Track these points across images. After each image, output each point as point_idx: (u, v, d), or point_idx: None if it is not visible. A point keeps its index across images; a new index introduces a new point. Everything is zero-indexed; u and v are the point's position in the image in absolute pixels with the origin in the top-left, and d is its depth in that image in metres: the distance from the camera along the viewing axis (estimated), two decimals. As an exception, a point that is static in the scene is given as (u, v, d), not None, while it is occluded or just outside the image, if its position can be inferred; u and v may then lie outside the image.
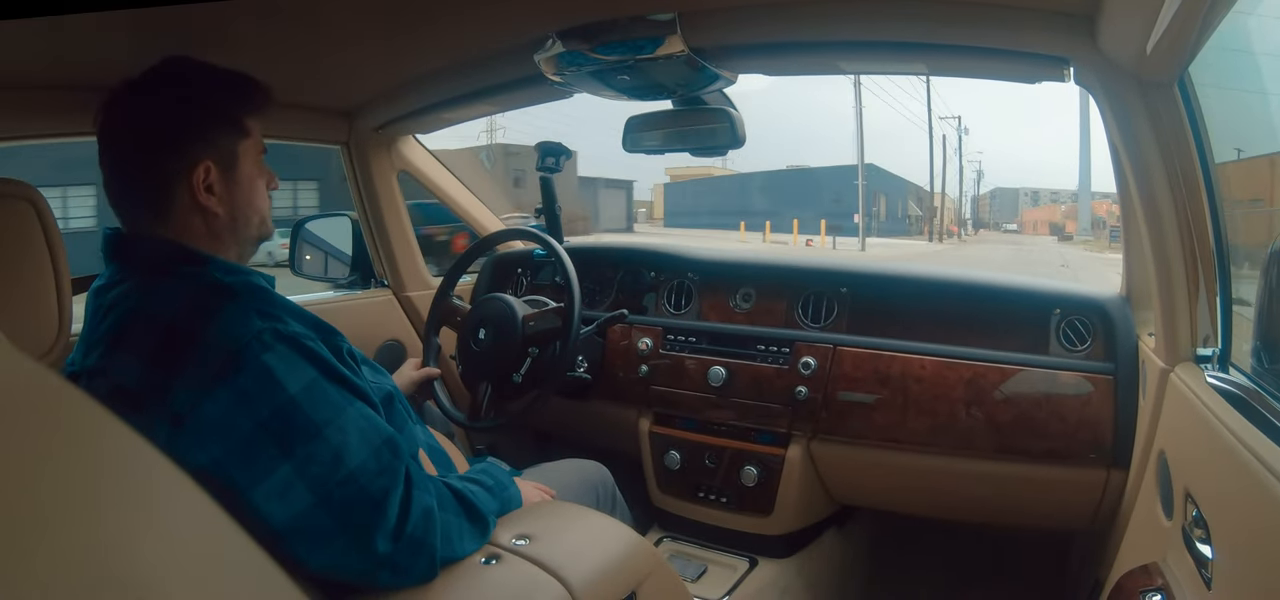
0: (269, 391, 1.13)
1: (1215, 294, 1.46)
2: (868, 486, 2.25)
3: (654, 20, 1.67)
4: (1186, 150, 1.42)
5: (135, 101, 1.26)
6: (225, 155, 1.28)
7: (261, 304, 1.20)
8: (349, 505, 1.15)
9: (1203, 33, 1.21)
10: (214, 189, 1.26)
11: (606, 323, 2.22)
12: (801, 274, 2.36)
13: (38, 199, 1.26)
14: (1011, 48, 1.56)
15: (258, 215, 1.34)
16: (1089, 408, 1.88)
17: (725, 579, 2.17)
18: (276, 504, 1.12)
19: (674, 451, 2.32)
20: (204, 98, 1.28)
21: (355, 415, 1.19)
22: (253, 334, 1.15)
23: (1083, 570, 2.06)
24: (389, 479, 1.19)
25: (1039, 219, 56.76)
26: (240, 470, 1.11)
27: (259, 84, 1.34)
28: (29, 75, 1.65)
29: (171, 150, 1.25)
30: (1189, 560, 1.21)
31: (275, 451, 1.13)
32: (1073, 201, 53.24)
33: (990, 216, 59.87)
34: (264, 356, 1.14)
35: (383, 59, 2.00)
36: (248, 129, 1.32)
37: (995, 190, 62.12)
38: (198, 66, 1.29)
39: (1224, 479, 1.14)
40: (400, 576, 1.21)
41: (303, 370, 1.17)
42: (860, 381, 2.09)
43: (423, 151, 2.67)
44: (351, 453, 1.16)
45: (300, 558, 1.14)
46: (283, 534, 1.12)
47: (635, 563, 1.47)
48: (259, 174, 1.34)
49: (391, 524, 1.18)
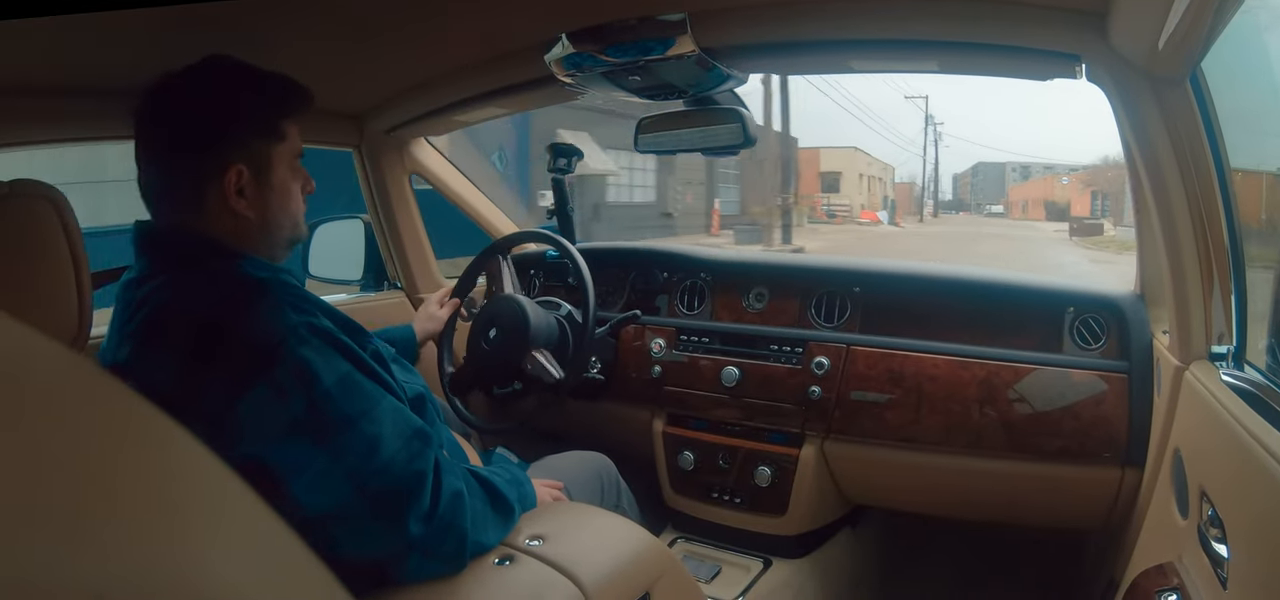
0: (305, 384, 1.15)
1: (1229, 291, 1.45)
2: (881, 486, 2.25)
3: (664, 21, 1.67)
4: (1199, 147, 1.41)
5: (172, 98, 1.27)
6: (259, 159, 1.29)
7: (295, 299, 1.22)
8: (383, 492, 1.18)
9: (1215, 28, 1.20)
10: (245, 192, 1.27)
11: (619, 323, 2.22)
12: (814, 273, 2.36)
13: (58, 198, 1.27)
14: (1023, 45, 1.55)
15: (290, 220, 1.35)
16: (1103, 406, 1.87)
17: (739, 579, 2.17)
18: (314, 493, 1.15)
19: (687, 452, 2.32)
20: (240, 100, 1.29)
21: (387, 407, 1.22)
22: (289, 328, 1.17)
23: (1097, 570, 2.05)
24: (422, 465, 1.22)
25: (1030, 197, 48.21)
26: (278, 461, 1.14)
27: (299, 87, 1.34)
28: (36, 79, 1.66)
29: (204, 151, 1.26)
30: (1204, 560, 1.20)
31: (311, 443, 1.15)
32: (1073, 175, 45.08)
33: (972, 196, 53.22)
34: (300, 350, 1.16)
35: (393, 63, 2.01)
36: (284, 133, 1.32)
37: (977, 166, 55.30)
38: (238, 67, 1.29)
39: (1239, 477, 1.13)
40: (431, 559, 1.23)
41: (337, 363, 1.19)
42: (873, 381, 2.09)
43: (435, 154, 2.68)
44: (385, 443, 1.19)
45: (336, 543, 1.17)
46: (319, 521, 1.15)
47: (649, 563, 1.47)
48: (293, 178, 1.35)
49: (424, 507, 1.20)
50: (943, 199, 49.46)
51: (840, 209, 38.76)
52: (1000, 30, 1.53)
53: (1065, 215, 40.94)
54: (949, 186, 51.09)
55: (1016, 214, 45.46)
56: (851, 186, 41.60)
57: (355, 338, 1.26)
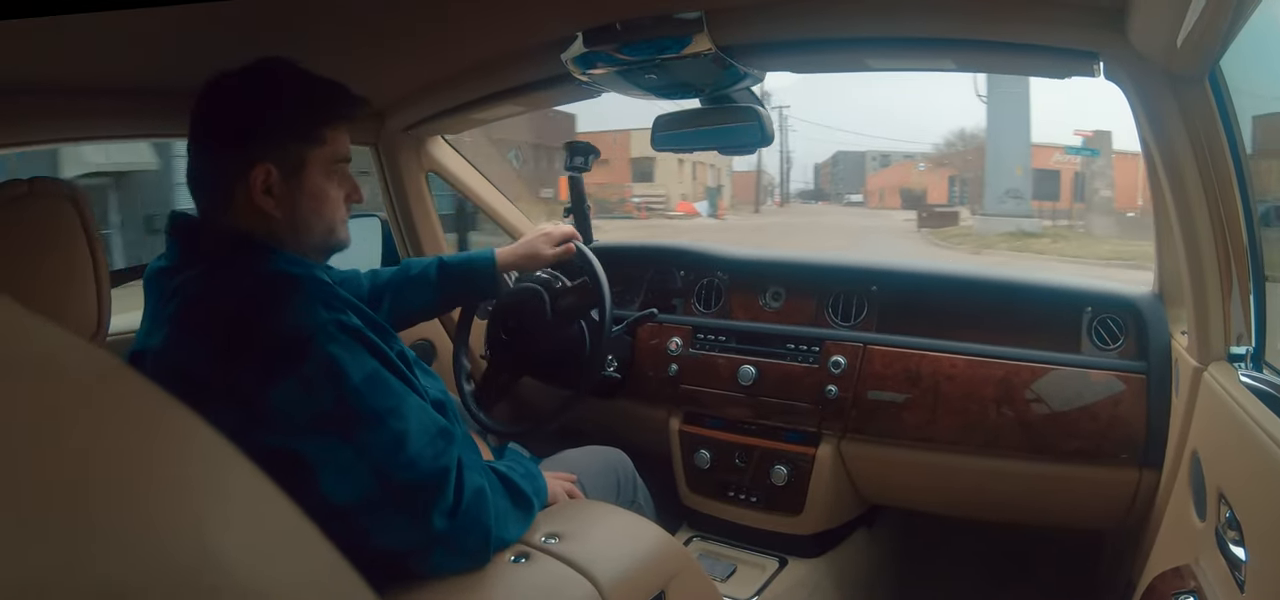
0: (334, 380, 1.17)
1: (1248, 292, 1.44)
2: (898, 486, 2.24)
3: (681, 19, 1.67)
4: (1218, 146, 1.40)
5: (215, 95, 1.30)
6: (291, 162, 1.29)
7: (326, 296, 1.23)
8: (409, 487, 1.21)
9: (1234, 25, 1.19)
10: (273, 192, 1.28)
11: (636, 322, 2.22)
12: (831, 272, 2.35)
13: (79, 197, 1.28)
14: (1040, 43, 1.54)
15: (323, 225, 1.34)
16: (1121, 407, 1.86)
17: (755, 578, 2.16)
18: (340, 485, 1.17)
19: (704, 450, 2.32)
20: (278, 102, 1.30)
21: (413, 404, 1.24)
22: (318, 325, 1.19)
23: (1114, 571, 2.04)
24: (446, 461, 1.24)
25: (887, 185, 43.21)
26: (306, 452, 1.16)
27: (348, 95, 1.34)
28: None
29: (233, 148, 1.28)
30: (1222, 562, 1.19)
31: (339, 437, 1.18)
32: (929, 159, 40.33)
33: (832, 186, 48.29)
34: (330, 347, 1.18)
35: (410, 60, 2.02)
36: (322, 138, 1.32)
37: (837, 154, 49.42)
38: (286, 70, 1.30)
39: (1258, 480, 1.13)
40: (455, 555, 1.26)
41: (365, 361, 1.20)
42: (890, 380, 2.08)
43: (452, 152, 2.69)
44: (412, 438, 1.21)
45: (362, 534, 1.19)
46: (346, 512, 1.18)
47: (664, 561, 1.47)
48: (330, 183, 1.34)
49: (448, 503, 1.23)
50: (805, 189, 46.52)
51: (653, 201, 33.98)
52: (1018, 28, 1.53)
53: (923, 202, 36.56)
54: (812, 177, 48.21)
55: (875, 202, 41.89)
56: (670, 175, 35.73)
57: (383, 337, 1.27)
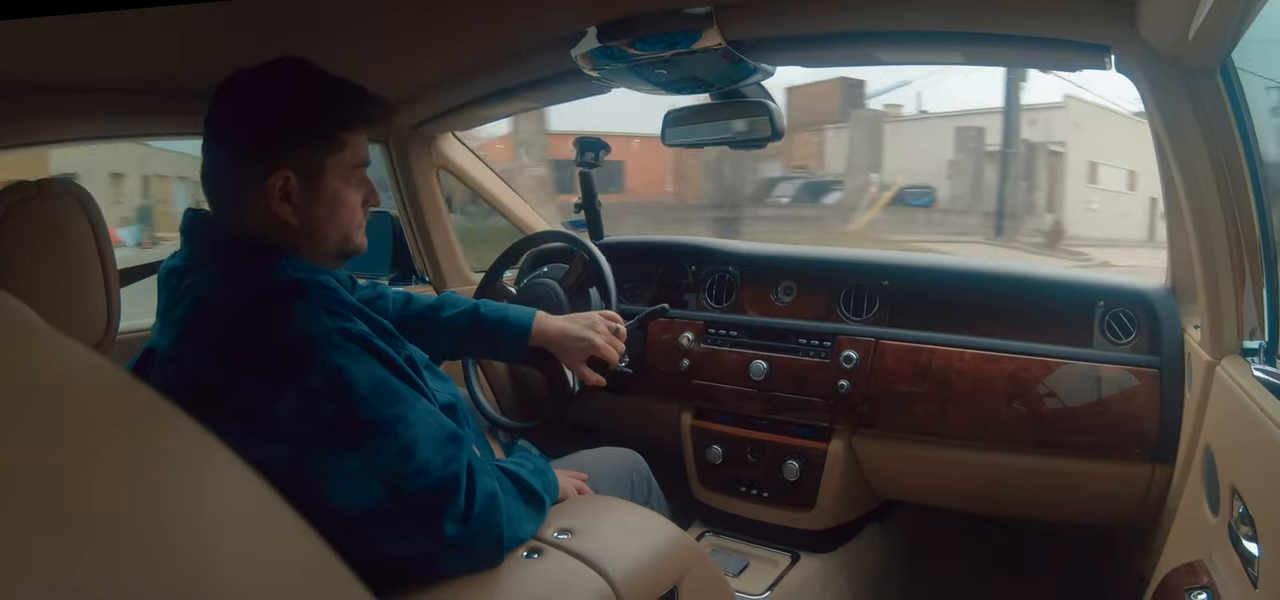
0: (339, 390, 1.15)
1: (1262, 285, 1.43)
2: (909, 481, 2.24)
3: (691, 14, 1.67)
4: (1230, 139, 1.39)
5: (233, 95, 1.26)
6: (310, 167, 1.25)
7: (330, 302, 1.20)
8: (419, 495, 1.18)
9: (1245, 17, 1.18)
10: (291, 198, 1.25)
11: (647, 317, 2.21)
12: (843, 266, 2.35)
13: (85, 196, 1.29)
14: (1051, 36, 1.54)
15: (339, 231, 1.31)
16: (1133, 402, 1.85)
17: (767, 574, 2.16)
18: (348, 494, 1.15)
19: (716, 445, 2.31)
20: (297, 105, 1.26)
21: (422, 411, 1.21)
22: (322, 333, 1.16)
23: (1126, 566, 2.03)
24: (456, 467, 1.22)
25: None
26: (312, 463, 1.14)
27: (368, 98, 1.31)
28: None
29: (252, 152, 1.24)
30: (1235, 558, 1.19)
31: (346, 447, 1.15)
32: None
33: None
34: (334, 355, 1.15)
35: (420, 57, 2.02)
36: (341, 143, 1.27)
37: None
38: (306, 71, 1.27)
39: (1271, 475, 1.12)
40: (469, 558, 1.24)
41: (371, 369, 1.18)
42: (902, 375, 2.08)
43: (462, 148, 2.70)
44: (421, 446, 1.18)
45: (371, 541, 1.18)
46: (354, 520, 1.15)
47: (677, 557, 1.47)
48: (349, 188, 1.30)
49: (459, 509, 1.20)
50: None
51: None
52: (1028, 21, 1.52)
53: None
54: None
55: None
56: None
57: (391, 342, 1.25)
